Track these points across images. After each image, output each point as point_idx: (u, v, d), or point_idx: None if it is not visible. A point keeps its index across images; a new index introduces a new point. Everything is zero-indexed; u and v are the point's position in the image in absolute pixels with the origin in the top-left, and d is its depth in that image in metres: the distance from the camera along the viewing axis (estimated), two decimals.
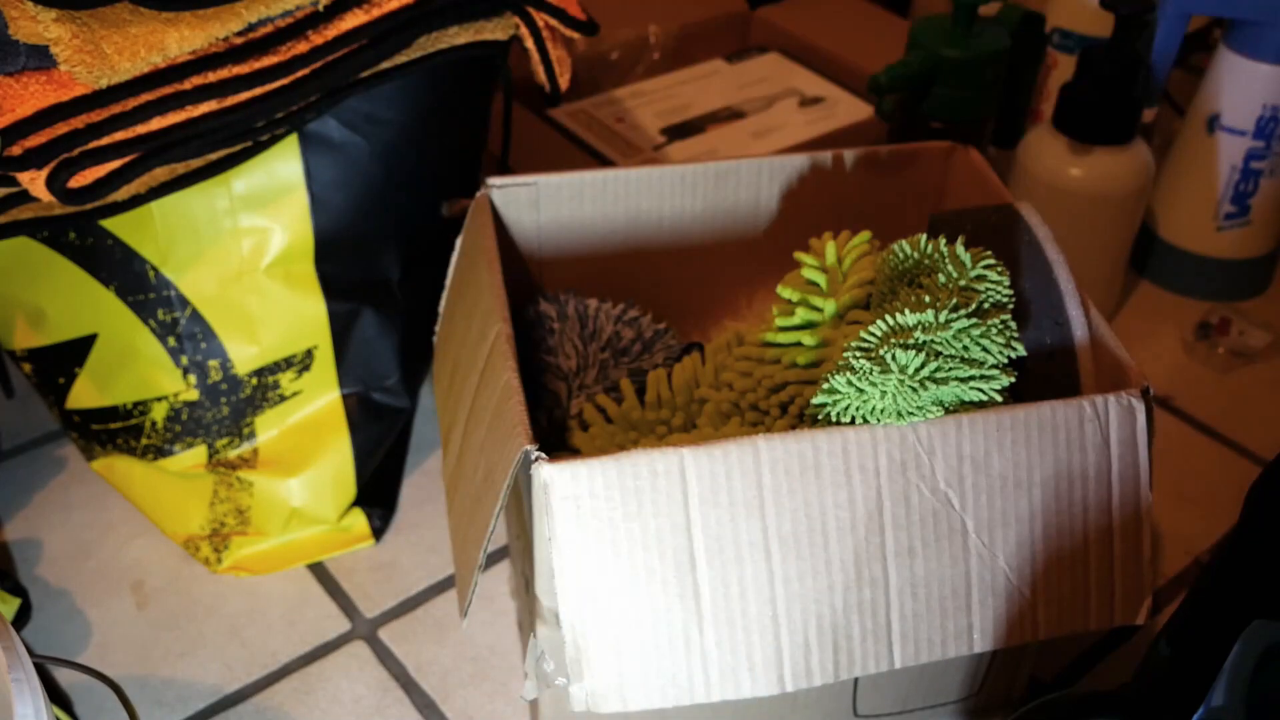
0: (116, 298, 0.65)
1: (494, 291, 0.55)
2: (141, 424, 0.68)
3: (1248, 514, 0.52)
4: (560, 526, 0.46)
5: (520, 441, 0.46)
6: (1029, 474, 0.50)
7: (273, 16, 0.60)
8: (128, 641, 0.67)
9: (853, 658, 0.49)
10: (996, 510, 0.50)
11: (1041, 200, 0.82)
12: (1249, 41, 0.84)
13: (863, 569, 0.48)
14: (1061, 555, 0.51)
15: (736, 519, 0.47)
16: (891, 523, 0.49)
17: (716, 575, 0.47)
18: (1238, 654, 0.36)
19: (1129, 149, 0.81)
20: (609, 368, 0.61)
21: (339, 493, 0.71)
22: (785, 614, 0.48)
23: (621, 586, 0.47)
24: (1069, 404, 0.50)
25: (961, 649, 0.50)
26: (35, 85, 0.57)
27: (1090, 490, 0.51)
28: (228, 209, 0.64)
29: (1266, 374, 0.86)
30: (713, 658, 0.47)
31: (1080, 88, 0.80)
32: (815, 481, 0.47)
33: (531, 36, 0.70)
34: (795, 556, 0.48)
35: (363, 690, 0.64)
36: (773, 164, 0.66)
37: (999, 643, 0.51)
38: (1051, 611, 0.51)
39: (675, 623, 0.47)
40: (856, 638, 0.49)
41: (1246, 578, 0.52)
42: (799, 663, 0.48)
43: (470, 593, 0.50)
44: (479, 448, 0.52)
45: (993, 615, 0.50)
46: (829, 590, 0.48)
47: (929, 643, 0.50)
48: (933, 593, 0.50)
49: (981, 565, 0.50)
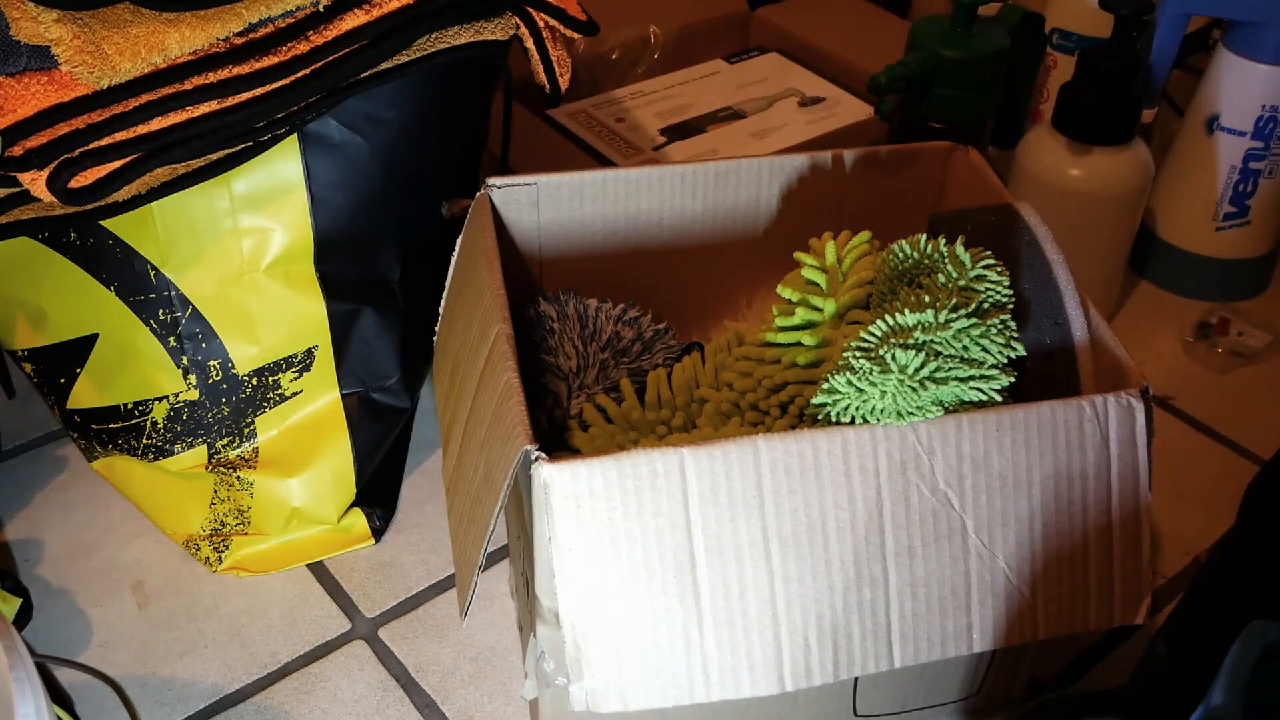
0: (117, 298, 0.65)
1: (494, 291, 0.55)
2: (142, 424, 0.68)
3: (1246, 514, 0.52)
4: (560, 526, 0.46)
5: (520, 441, 0.46)
6: (1028, 474, 0.50)
7: (273, 17, 0.60)
8: (128, 641, 0.67)
9: (852, 657, 0.49)
10: (996, 510, 0.50)
11: (1041, 200, 0.82)
12: (1248, 42, 0.84)
13: (862, 569, 0.49)
14: (1061, 555, 0.51)
15: (736, 519, 0.47)
16: (891, 522, 0.49)
17: (716, 575, 0.47)
18: (1236, 653, 0.36)
19: (1129, 149, 0.81)
20: (609, 368, 0.61)
21: (339, 493, 0.71)
22: (785, 614, 0.48)
23: (621, 586, 0.47)
24: (1068, 404, 0.50)
25: (961, 649, 0.50)
26: (36, 86, 0.57)
27: (1090, 490, 0.51)
28: (228, 209, 0.64)
29: (1266, 374, 0.86)
30: (713, 658, 0.48)
31: (1080, 88, 0.80)
32: (815, 481, 0.47)
33: (531, 37, 0.70)
34: (795, 556, 0.48)
35: (363, 690, 0.64)
36: (773, 164, 0.66)
37: (998, 642, 0.51)
38: (1051, 611, 0.51)
39: (675, 623, 0.47)
40: (856, 638, 0.49)
41: (1245, 577, 0.52)
42: (799, 662, 0.48)
43: (470, 593, 0.50)
44: (479, 448, 0.52)
45: (992, 615, 0.50)
46: (829, 590, 0.48)
47: (928, 643, 0.50)
48: (932, 593, 0.50)
49: (981, 565, 0.50)
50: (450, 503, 0.57)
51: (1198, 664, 0.45)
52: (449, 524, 0.60)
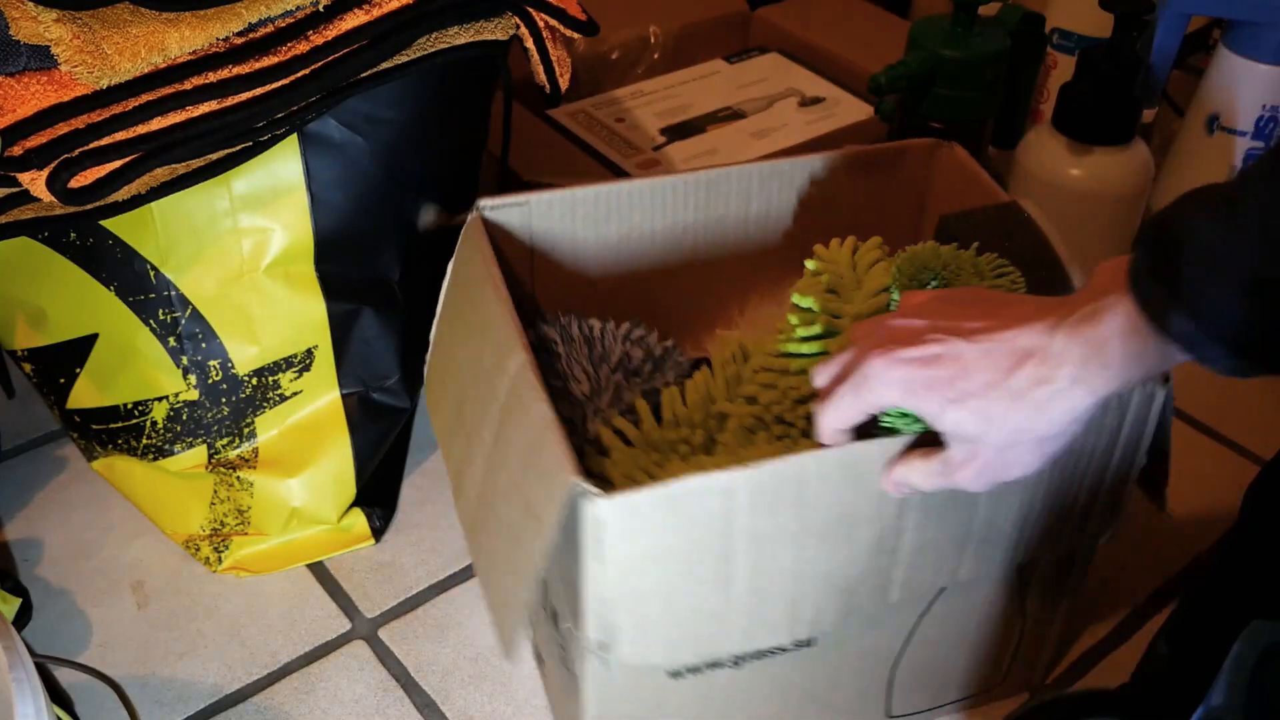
0: (117, 298, 0.65)
1: (504, 320, 0.53)
2: (142, 424, 0.68)
3: (1246, 514, 0.52)
4: (612, 556, 0.46)
5: (567, 476, 0.45)
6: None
7: (273, 17, 0.60)
8: (128, 641, 0.67)
9: (857, 604, 0.52)
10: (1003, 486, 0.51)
11: (1041, 200, 0.81)
12: (1248, 42, 0.84)
13: (883, 543, 0.51)
14: (1050, 519, 0.54)
15: (778, 521, 0.48)
16: (913, 505, 0.50)
17: (750, 563, 0.49)
18: (1237, 654, 0.36)
19: (1129, 149, 0.81)
20: (623, 390, 0.60)
21: (339, 493, 0.71)
22: (811, 585, 0.50)
23: (673, 608, 0.49)
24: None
25: (943, 581, 0.54)
26: (36, 85, 0.57)
27: (1092, 465, 0.53)
28: (228, 209, 0.64)
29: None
30: (739, 621, 0.51)
31: (1080, 88, 0.80)
32: (854, 485, 0.48)
33: (531, 37, 0.70)
34: (822, 542, 0.49)
35: (363, 690, 0.64)
36: (762, 169, 0.66)
37: (982, 568, 0.54)
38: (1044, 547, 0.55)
39: (709, 604, 0.49)
40: (863, 593, 0.52)
41: (1245, 577, 0.52)
42: (808, 616, 0.52)
43: (518, 633, 0.49)
44: (511, 484, 0.51)
45: (983, 558, 0.53)
46: (848, 563, 0.50)
47: (921, 584, 0.53)
48: (939, 548, 0.52)
49: (982, 528, 0.52)
50: (474, 542, 0.56)
51: (1198, 664, 0.45)
52: (475, 564, 0.60)
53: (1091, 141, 0.80)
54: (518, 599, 0.49)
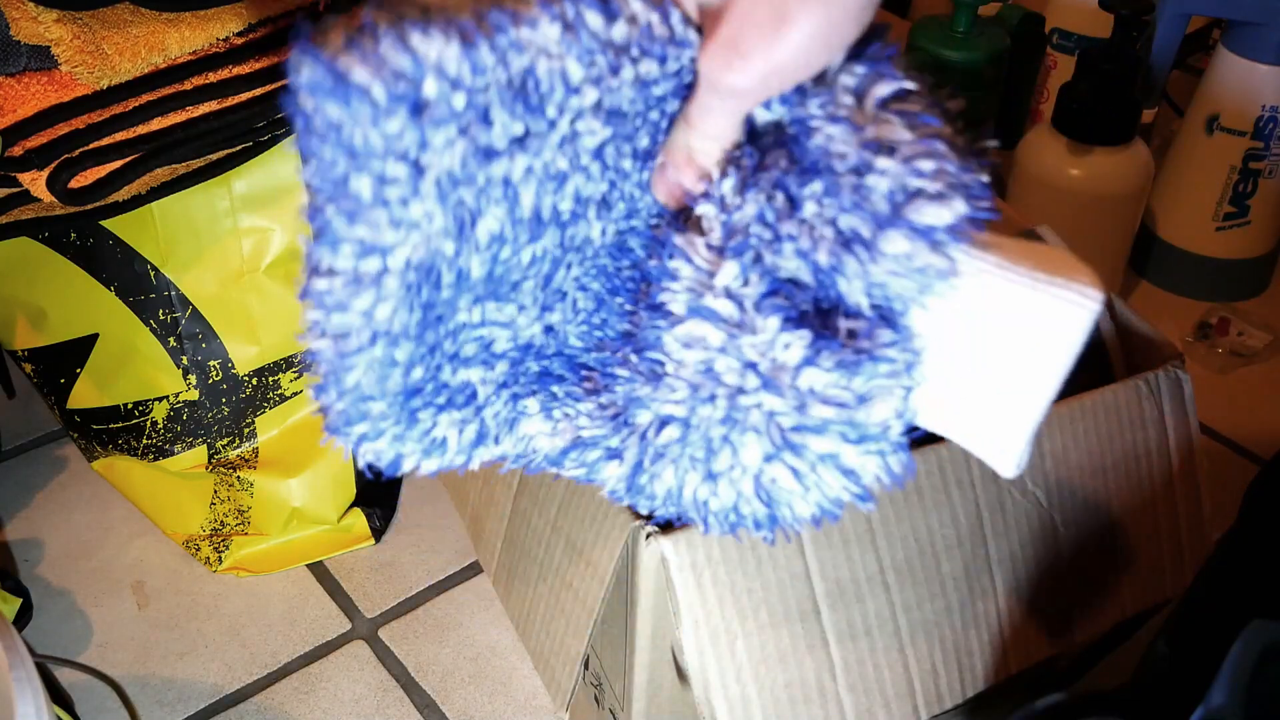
0: (117, 298, 0.65)
1: None
2: (142, 424, 0.68)
3: (1246, 514, 0.52)
4: (684, 598, 0.43)
5: (625, 517, 0.44)
6: (1102, 460, 0.51)
7: (273, 17, 0.60)
8: (128, 641, 0.67)
9: (975, 674, 0.49)
10: (1079, 501, 0.51)
11: (1041, 200, 0.82)
12: (1248, 42, 0.84)
13: (974, 583, 0.48)
14: (1138, 533, 0.52)
15: (852, 558, 0.46)
16: (991, 531, 0.49)
17: (841, 618, 0.46)
18: (1237, 653, 0.36)
19: (1128, 149, 0.81)
20: None
21: (339, 493, 0.71)
22: (910, 643, 0.47)
23: (751, 649, 0.45)
24: (1126, 385, 0.52)
25: (1059, 645, 0.51)
26: (36, 86, 0.57)
27: (1154, 464, 0.52)
28: (228, 209, 0.64)
29: (1265, 374, 0.86)
30: (848, 703, 0.46)
31: (1080, 88, 0.80)
32: (920, 505, 0.47)
33: None
34: (911, 583, 0.47)
35: (363, 690, 0.64)
36: None
37: (1097, 628, 0.51)
38: (1135, 588, 0.52)
39: (809, 676, 0.45)
40: (976, 653, 0.49)
41: (1245, 577, 0.52)
42: (929, 689, 0.48)
43: (574, 689, 0.47)
44: (549, 526, 0.49)
45: (1087, 603, 0.51)
46: (947, 611, 0.48)
47: (1035, 643, 0.50)
48: (1036, 592, 0.50)
49: (1073, 558, 0.51)
50: (508, 590, 0.54)
51: (1198, 664, 0.45)
52: (509, 610, 0.57)
53: (1091, 142, 0.80)
54: (573, 651, 0.47)
